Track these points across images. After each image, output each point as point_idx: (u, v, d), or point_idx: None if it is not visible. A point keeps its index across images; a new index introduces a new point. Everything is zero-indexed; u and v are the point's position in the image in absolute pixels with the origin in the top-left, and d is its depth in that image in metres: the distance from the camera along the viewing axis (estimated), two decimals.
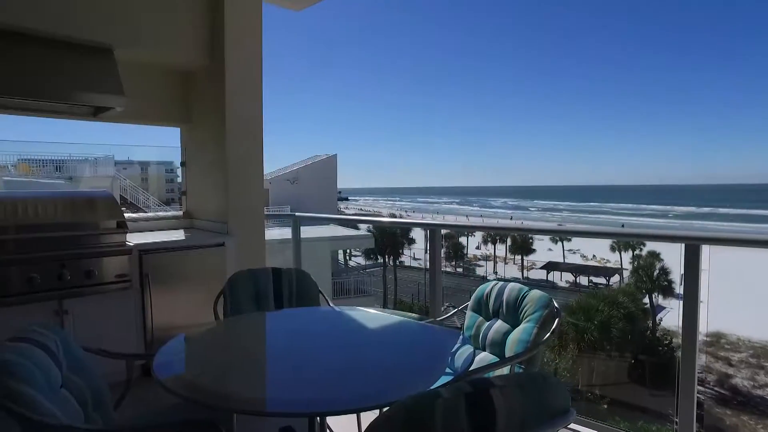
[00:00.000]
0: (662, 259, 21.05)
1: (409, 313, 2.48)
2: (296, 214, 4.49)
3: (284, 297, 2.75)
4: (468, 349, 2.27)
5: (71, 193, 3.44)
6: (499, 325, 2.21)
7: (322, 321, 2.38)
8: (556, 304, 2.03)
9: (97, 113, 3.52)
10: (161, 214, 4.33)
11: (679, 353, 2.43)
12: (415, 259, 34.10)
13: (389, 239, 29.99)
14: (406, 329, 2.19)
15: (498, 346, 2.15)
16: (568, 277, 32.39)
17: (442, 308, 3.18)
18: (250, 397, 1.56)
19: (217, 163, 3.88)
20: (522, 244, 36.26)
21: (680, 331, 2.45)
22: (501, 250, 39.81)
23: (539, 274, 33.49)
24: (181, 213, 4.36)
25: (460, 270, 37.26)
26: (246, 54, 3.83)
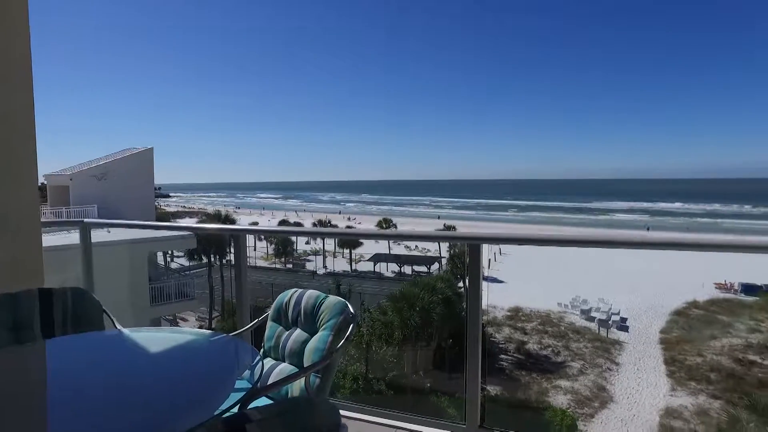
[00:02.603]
0: None
1: (205, 330, 2.32)
2: (85, 220, 3.89)
3: (56, 323, 2.34)
4: (267, 362, 2.21)
5: None
6: (297, 334, 2.17)
7: (100, 348, 2.08)
8: (351, 310, 2.06)
9: None
10: None
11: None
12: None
13: (214, 238, 28.41)
14: (196, 348, 2.02)
15: (297, 356, 2.11)
16: (394, 267, 34.43)
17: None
18: None
19: None
20: (350, 238, 37.42)
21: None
22: (330, 244, 40.59)
23: (367, 266, 34.97)
24: None
25: (290, 266, 37.10)
26: (5, 32, 3.17)
